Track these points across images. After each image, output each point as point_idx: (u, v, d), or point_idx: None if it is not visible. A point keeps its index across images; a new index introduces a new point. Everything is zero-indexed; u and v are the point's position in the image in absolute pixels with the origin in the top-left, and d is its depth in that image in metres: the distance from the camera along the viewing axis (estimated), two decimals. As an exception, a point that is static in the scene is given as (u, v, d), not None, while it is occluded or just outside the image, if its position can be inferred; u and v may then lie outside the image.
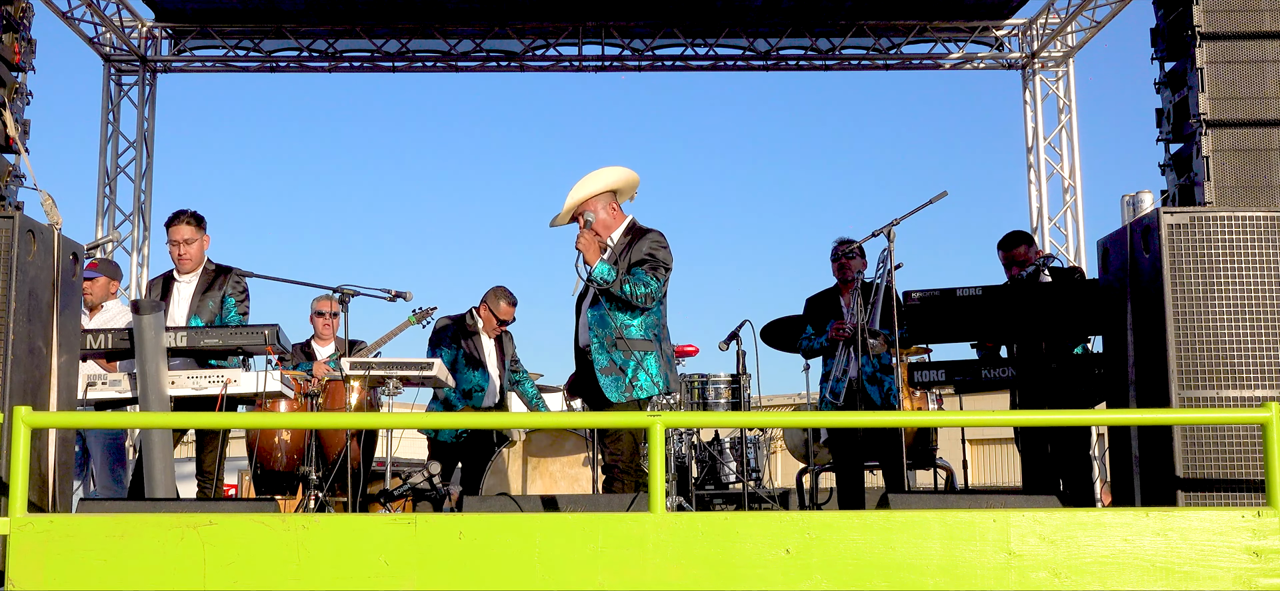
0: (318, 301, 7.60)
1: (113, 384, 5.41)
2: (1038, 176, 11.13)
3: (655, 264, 5.19)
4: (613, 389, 5.12)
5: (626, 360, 5.12)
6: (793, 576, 3.61)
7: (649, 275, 5.15)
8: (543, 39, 10.98)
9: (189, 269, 6.17)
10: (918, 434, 7.17)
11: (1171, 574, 3.63)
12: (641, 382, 5.13)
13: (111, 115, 11.04)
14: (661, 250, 5.23)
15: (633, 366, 5.12)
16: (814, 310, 6.78)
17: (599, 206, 5.31)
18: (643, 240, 5.24)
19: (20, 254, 4.10)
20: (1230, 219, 4.29)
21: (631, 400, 5.13)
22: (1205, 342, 4.24)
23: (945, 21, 10.93)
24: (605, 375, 5.12)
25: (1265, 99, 4.88)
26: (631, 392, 5.12)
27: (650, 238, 5.25)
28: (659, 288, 5.19)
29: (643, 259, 5.18)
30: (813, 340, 6.74)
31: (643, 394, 5.14)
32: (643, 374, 5.13)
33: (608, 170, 5.38)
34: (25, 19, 5.11)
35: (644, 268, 5.17)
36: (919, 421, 7.21)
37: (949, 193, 5.71)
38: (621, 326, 5.15)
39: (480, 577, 3.59)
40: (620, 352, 5.12)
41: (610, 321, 5.14)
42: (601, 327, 5.16)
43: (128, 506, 4.54)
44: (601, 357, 5.14)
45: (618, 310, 5.15)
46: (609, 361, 5.13)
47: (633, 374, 5.12)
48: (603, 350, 5.14)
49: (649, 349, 5.18)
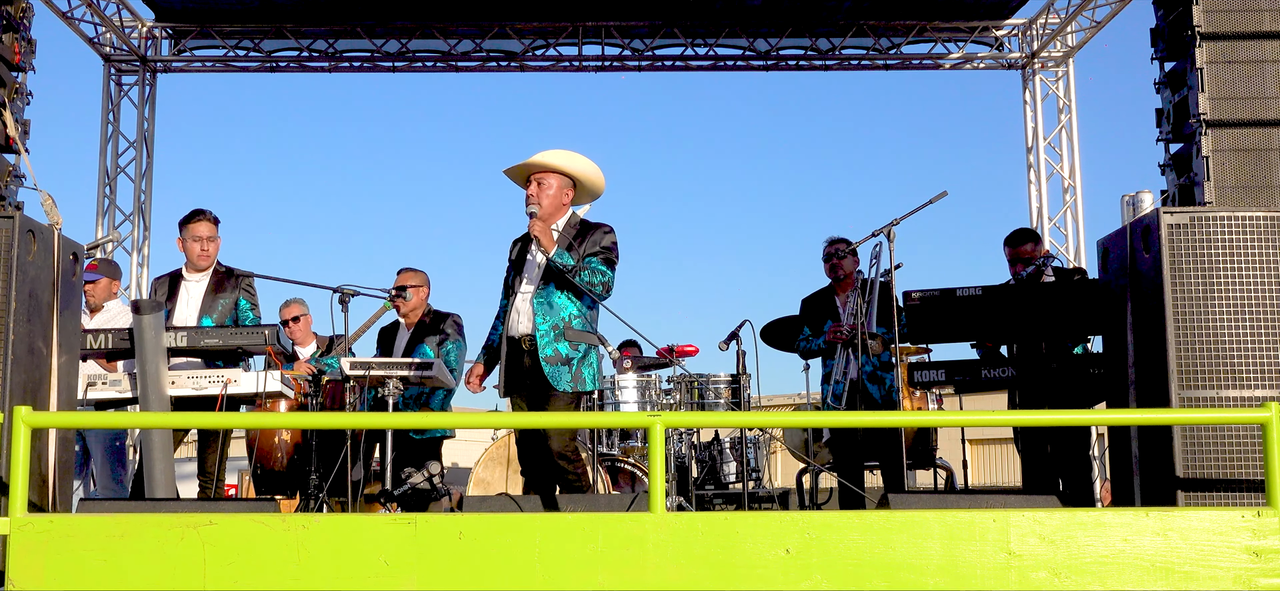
0: (283, 309, 7.58)
1: (113, 384, 5.41)
2: (1038, 176, 11.13)
3: (610, 258, 5.17)
4: (561, 379, 5.02)
5: (573, 351, 5.07)
6: (793, 576, 3.61)
7: (604, 266, 5.12)
8: (543, 39, 10.98)
9: (204, 267, 6.20)
10: (918, 434, 7.17)
11: (1171, 574, 3.63)
12: (585, 376, 5.09)
13: (111, 115, 11.04)
14: (614, 246, 5.20)
15: (578, 358, 5.08)
16: (810, 311, 6.78)
17: (553, 184, 5.22)
18: (596, 232, 5.19)
19: (20, 254, 4.10)
20: (1230, 219, 4.29)
21: (575, 392, 5.06)
22: (1205, 342, 4.23)
23: (945, 21, 10.93)
24: (551, 364, 5.02)
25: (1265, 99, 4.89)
26: (577, 385, 5.06)
27: (604, 231, 5.20)
28: (613, 278, 5.15)
29: (597, 251, 5.14)
30: (810, 341, 6.74)
31: (585, 387, 5.10)
32: (587, 368, 5.10)
33: (581, 159, 5.29)
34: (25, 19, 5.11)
35: (598, 259, 5.13)
36: (919, 421, 7.21)
37: (949, 192, 5.71)
38: (570, 316, 5.09)
39: (480, 577, 3.59)
40: (567, 343, 5.06)
41: (558, 309, 5.08)
42: (549, 314, 5.07)
43: (128, 506, 4.54)
44: (547, 347, 5.04)
45: (564, 298, 5.09)
46: (555, 351, 5.04)
47: (578, 366, 5.07)
48: (550, 338, 5.05)
49: (591, 341, 5.15)
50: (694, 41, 10.99)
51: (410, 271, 6.94)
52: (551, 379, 5.02)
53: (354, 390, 6.22)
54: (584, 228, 5.24)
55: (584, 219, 5.30)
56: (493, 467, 6.94)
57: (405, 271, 6.93)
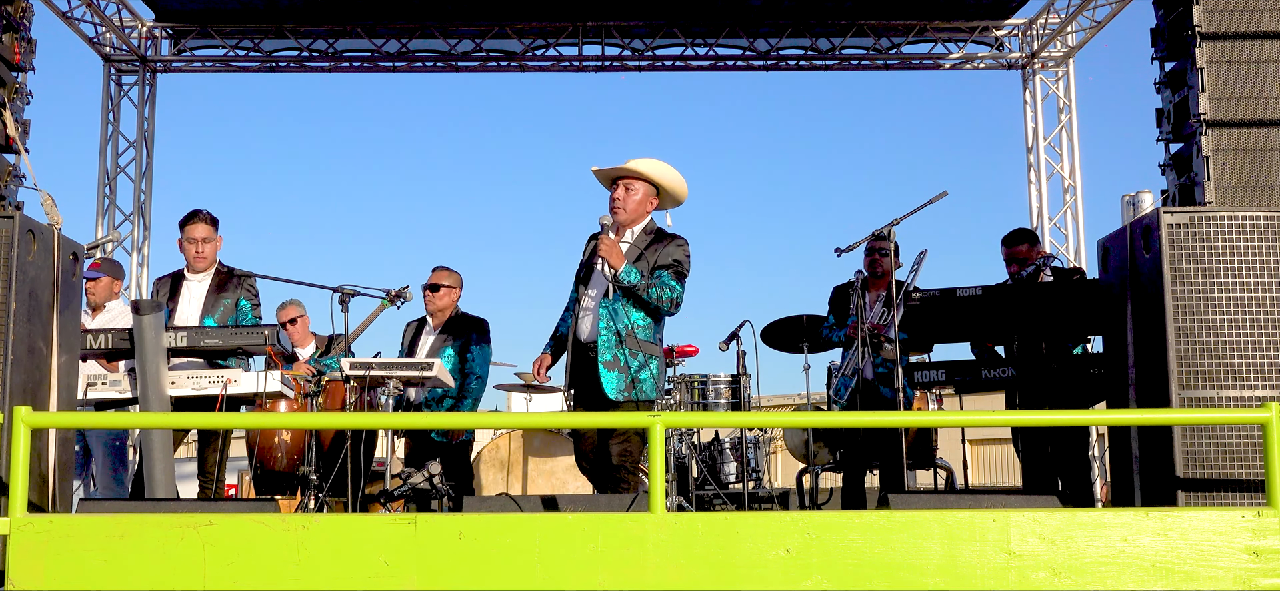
0: (280, 312, 7.57)
1: (113, 384, 5.41)
2: (1038, 176, 11.13)
3: (681, 272, 5.21)
4: (614, 385, 5.08)
5: (631, 358, 5.11)
6: (793, 576, 3.61)
7: (675, 280, 5.17)
8: (543, 39, 10.98)
9: (203, 268, 6.20)
10: (918, 434, 7.17)
11: (1171, 574, 3.63)
12: (644, 382, 5.12)
13: (111, 115, 11.03)
14: (687, 259, 5.24)
15: (637, 366, 5.12)
16: (838, 301, 6.79)
17: (639, 191, 5.29)
18: (669, 244, 5.24)
19: (20, 254, 4.10)
20: (1230, 219, 4.29)
21: (630, 399, 5.11)
22: (1205, 342, 4.23)
23: (945, 21, 10.92)
24: (609, 369, 5.08)
25: (1265, 99, 4.88)
26: (633, 392, 5.11)
27: (677, 243, 5.25)
28: (682, 293, 5.20)
29: (668, 264, 5.19)
30: (832, 331, 6.75)
31: (642, 396, 5.13)
32: (645, 375, 5.13)
33: (670, 169, 5.35)
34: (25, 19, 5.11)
35: (669, 272, 5.18)
36: (919, 421, 7.21)
37: (949, 192, 5.72)
38: (634, 324, 5.14)
39: (480, 577, 3.59)
40: (627, 350, 5.11)
41: (622, 317, 5.13)
42: (613, 320, 5.13)
43: (128, 506, 4.54)
44: (607, 352, 5.10)
45: (630, 306, 5.15)
46: (614, 357, 5.10)
47: (636, 372, 5.11)
48: (610, 345, 5.11)
49: (653, 352, 5.19)
50: (694, 41, 10.99)
51: (445, 270, 6.92)
52: (606, 384, 5.08)
53: (354, 390, 6.23)
54: (659, 236, 5.29)
55: (660, 228, 5.35)
56: (489, 469, 6.94)
57: (438, 270, 6.92)
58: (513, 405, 10.03)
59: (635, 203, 5.28)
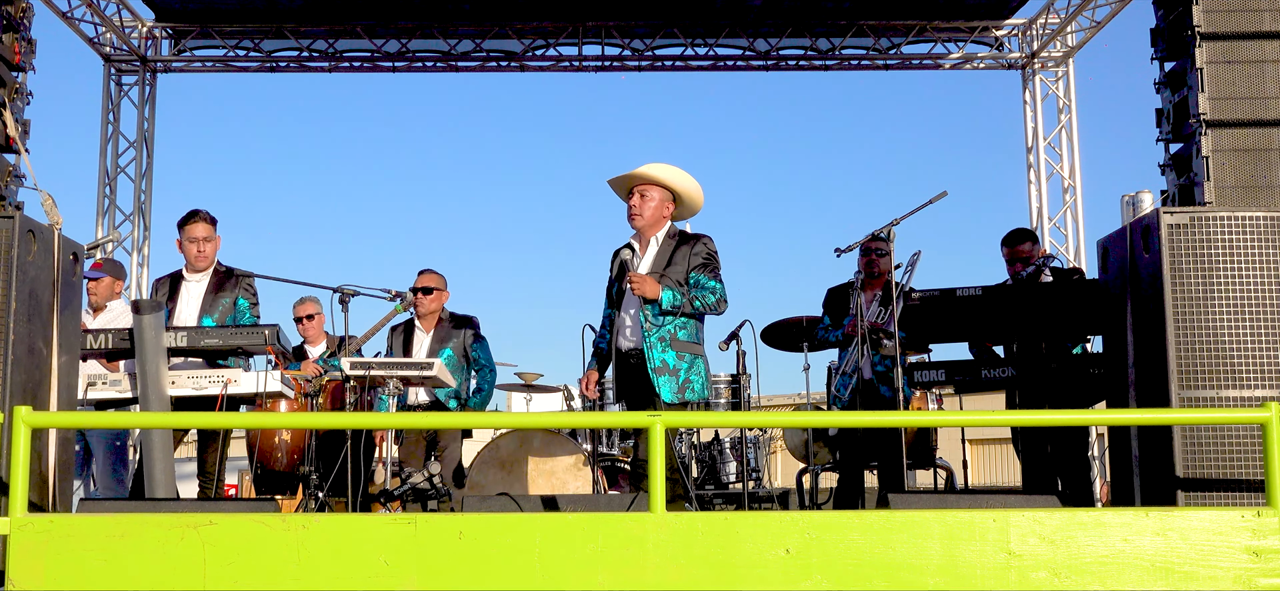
0: (298, 307, 7.58)
1: (113, 384, 5.41)
2: (1038, 176, 11.14)
3: (715, 266, 5.26)
4: (667, 388, 5.14)
5: (680, 362, 5.18)
6: (793, 576, 3.61)
7: (713, 279, 5.22)
8: (543, 39, 10.98)
9: (202, 268, 6.20)
10: (918, 434, 7.17)
11: (1171, 574, 3.63)
12: (694, 384, 5.20)
13: (111, 115, 11.04)
14: (717, 254, 5.30)
15: (685, 368, 5.18)
16: (834, 301, 6.79)
17: (655, 197, 5.32)
18: (696, 243, 5.28)
19: (20, 254, 4.10)
20: (1230, 219, 4.29)
21: (683, 402, 5.18)
22: (1205, 343, 4.23)
23: (945, 21, 10.93)
24: (660, 375, 5.14)
25: (1265, 99, 4.89)
26: (684, 394, 5.17)
27: (703, 241, 5.30)
28: (723, 288, 5.26)
29: (701, 263, 5.23)
30: (829, 332, 6.75)
31: (694, 396, 5.20)
32: (695, 376, 5.20)
33: (683, 174, 5.38)
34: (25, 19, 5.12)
35: (705, 272, 5.22)
36: (919, 421, 7.21)
37: (949, 192, 5.71)
38: (677, 328, 5.20)
39: (480, 577, 3.59)
40: (674, 354, 5.17)
41: (666, 323, 5.18)
42: (655, 327, 5.19)
43: (128, 506, 4.54)
44: (656, 357, 5.16)
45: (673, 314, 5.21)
46: (663, 362, 5.16)
47: (686, 375, 5.18)
48: (657, 350, 5.16)
49: (697, 352, 5.25)
50: (694, 41, 10.99)
51: (432, 273, 6.97)
52: (661, 391, 5.13)
53: (354, 390, 6.23)
54: (682, 238, 5.33)
55: (681, 229, 5.40)
56: (486, 470, 6.93)
57: (427, 272, 6.96)
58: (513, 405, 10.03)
59: (652, 209, 5.31)
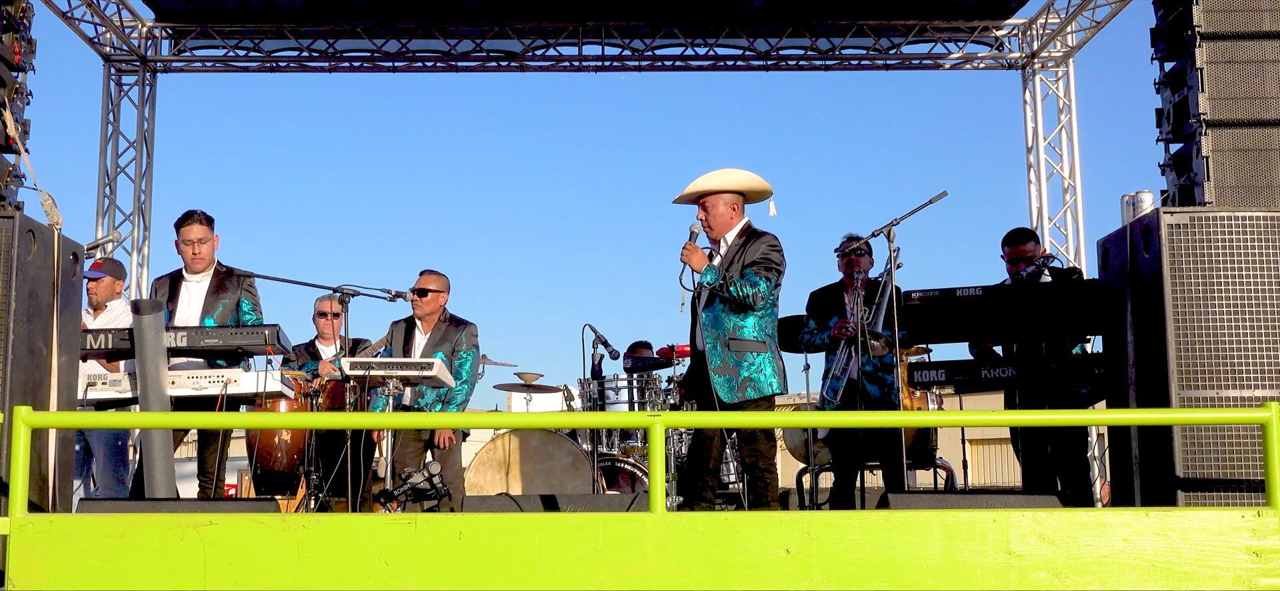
0: (320, 302, 7.61)
1: (113, 384, 5.41)
2: (1038, 176, 11.13)
3: (768, 266, 5.33)
4: (724, 388, 5.24)
5: (739, 361, 5.25)
6: (793, 576, 3.61)
7: (758, 275, 5.29)
8: (543, 39, 10.98)
9: (201, 268, 6.20)
10: (918, 434, 7.17)
11: (1171, 574, 3.63)
12: (757, 382, 5.25)
13: (111, 115, 11.03)
14: (775, 253, 5.37)
15: (745, 367, 5.25)
16: (817, 305, 6.79)
17: (721, 203, 5.46)
18: (758, 242, 5.39)
19: (20, 254, 4.10)
20: (1230, 219, 4.29)
21: (745, 399, 5.24)
22: (1205, 342, 4.23)
23: (945, 21, 10.92)
24: (718, 375, 5.24)
25: (1265, 99, 4.89)
26: (744, 393, 5.24)
27: (765, 240, 5.40)
28: (768, 289, 5.32)
29: (756, 261, 5.32)
30: (814, 335, 6.75)
31: (755, 394, 5.25)
32: (757, 374, 5.26)
33: (740, 171, 5.51)
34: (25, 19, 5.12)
35: (755, 269, 5.30)
36: (919, 421, 7.21)
37: (949, 193, 5.72)
38: (735, 328, 5.28)
39: (480, 577, 3.59)
40: (733, 353, 5.25)
41: (724, 322, 5.29)
42: (716, 328, 5.30)
43: (128, 506, 4.54)
44: (715, 358, 5.26)
45: (731, 311, 5.29)
46: (722, 362, 5.26)
47: (746, 374, 5.25)
48: (716, 350, 5.27)
49: (761, 350, 5.30)
50: (694, 41, 10.98)
51: (432, 274, 6.96)
52: (718, 390, 5.25)
53: (353, 390, 6.23)
54: (751, 236, 5.44)
55: (752, 227, 5.51)
56: (485, 471, 6.93)
57: (427, 273, 6.95)
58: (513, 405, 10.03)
59: (719, 217, 5.46)
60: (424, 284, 6.89)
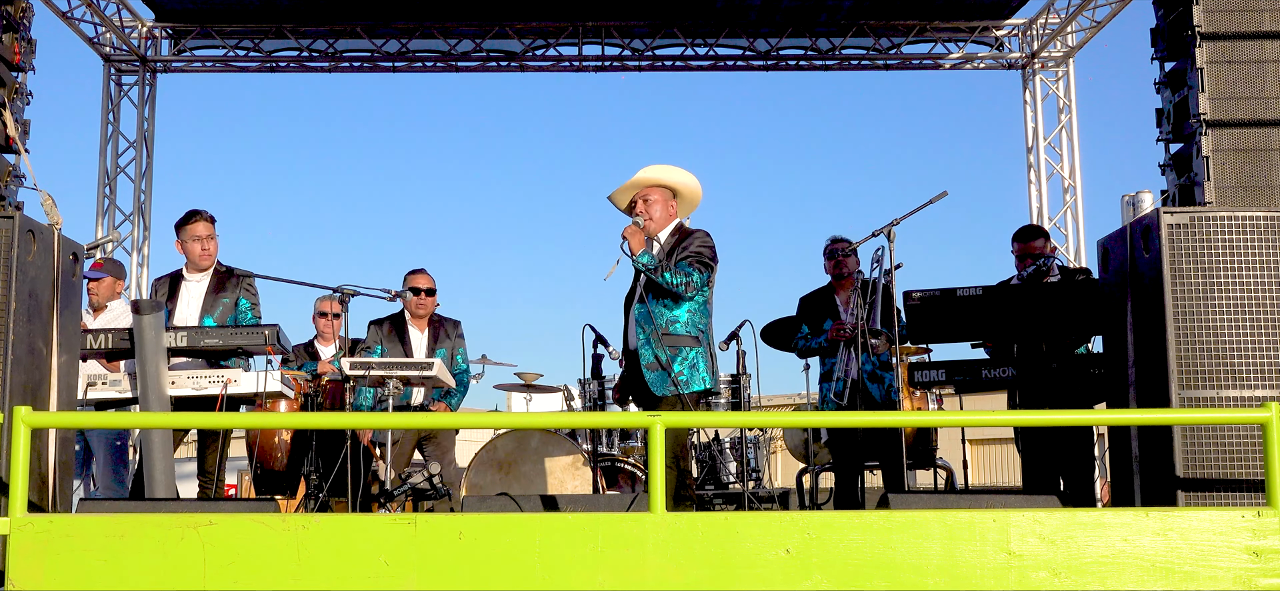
0: (320, 302, 7.61)
1: (113, 384, 5.41)
2: (1038, 176, 11.13)
3: (700, 260, 5.31)
4: (658, 384, 5.20)
5: (672, 356, 5.21)
6: (793, 576, 3.61)
7: (690, 266, 5.27)
8: (543, 39, 10.98)
9: (206, 267, 6.20)
10: (918, 434, 7.17)
11: (1171, 574, 3.63)
12: (687, 378, 5.21)
13: (111, 115, 11.03)
14: (706, 247, 5.35)
15: (678, 362, 5.21)
16: (808, 309, 6.79)
17: (656, 199, 5.45)
18: (689, 238, 5.38)
19: (20, 254, 4.10)
20: (1230, 219, 4.29)
21: (673, 395, 5.19)
22: (1205, 342, 4.23)
23: (945, 21, 10.92)
24: (650, 371, 5.21)
25: (1265, 99, 4.89)
26: (676, 388, 5.19)
27: (696, 236, 5.39)
28: (701, 279, 5.29)
29: (688, 254, 5.31)
30: (810, 340, 6.74)
31: (687, 390, 5.20)
32: (688, 369, 5.22)
33: (677, 170, 5.51)
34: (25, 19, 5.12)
35: (688, 261, 5.29)
36: (919, 421, 7.21)
37: (949, 192, 5.71)
38: (667, 323, 5.25)
39: (480, 577, 3.59)
40: (666, 349, 5.21)
41: (656, 317, 5.24)
42: (647, 323, 5.26)
43: (128, 506, 4.54)
44: (647, 353, 5.23)
45: (662, 307, 5.26)
46: (654, 357, 5.21)
47: (678, 369, 5.20)
48: (648, 346, 5.24)
49: (694, 345, 5.27)
50: (694, 41, 10.98)
51: (425, 273, 6.99)
52: (650, 384, 5.22)
53: (353, 390, 6.23)
54: (684, 233, 5.43)
55: (684, 226, 5.49)
56: (484, 471, 6.93)
57: (424, 273, 6.97)
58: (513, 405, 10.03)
59: (657, 212, 5.44)
60: (426, 283, 6.91)
